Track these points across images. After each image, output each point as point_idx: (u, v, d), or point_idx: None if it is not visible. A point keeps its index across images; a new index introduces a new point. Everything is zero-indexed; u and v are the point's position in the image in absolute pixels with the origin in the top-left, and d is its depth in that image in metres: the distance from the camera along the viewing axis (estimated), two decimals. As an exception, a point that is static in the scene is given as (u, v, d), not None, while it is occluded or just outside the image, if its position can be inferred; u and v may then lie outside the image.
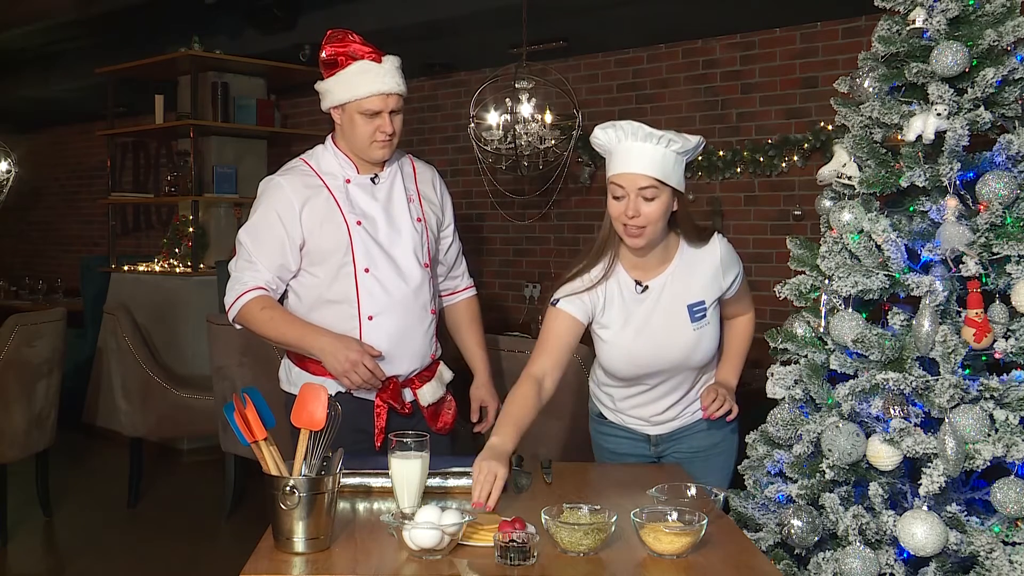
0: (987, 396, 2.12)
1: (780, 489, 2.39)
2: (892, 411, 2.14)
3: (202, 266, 6.32)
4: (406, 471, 1.99)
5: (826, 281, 2.34)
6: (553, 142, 5.06)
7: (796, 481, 2.34)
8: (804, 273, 2.44)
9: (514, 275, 6.65)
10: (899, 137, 2.28)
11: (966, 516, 2.12)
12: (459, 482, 2.16)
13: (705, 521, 1.81)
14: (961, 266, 2.14)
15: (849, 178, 2.35)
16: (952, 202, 2.17)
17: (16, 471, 4.48)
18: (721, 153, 5.53)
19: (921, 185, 2.23)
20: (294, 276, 2.60)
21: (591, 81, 6.20)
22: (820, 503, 2.25)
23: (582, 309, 2.39)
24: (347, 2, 5.79)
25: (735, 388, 2.60)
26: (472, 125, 5.07)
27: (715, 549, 1.84)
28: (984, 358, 2.19)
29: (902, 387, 2.13)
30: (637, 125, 2.24)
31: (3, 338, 4.25)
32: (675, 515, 1.86)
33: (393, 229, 2.60)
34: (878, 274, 2.22)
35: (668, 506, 1.91)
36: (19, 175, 7.82)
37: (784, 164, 5.32)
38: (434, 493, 2.12)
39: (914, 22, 2.24)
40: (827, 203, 2.44)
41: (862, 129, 2.32)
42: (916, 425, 2.14)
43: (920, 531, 2.05)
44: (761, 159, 5.38)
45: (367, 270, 2.54)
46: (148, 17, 6.37)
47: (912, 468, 2.19)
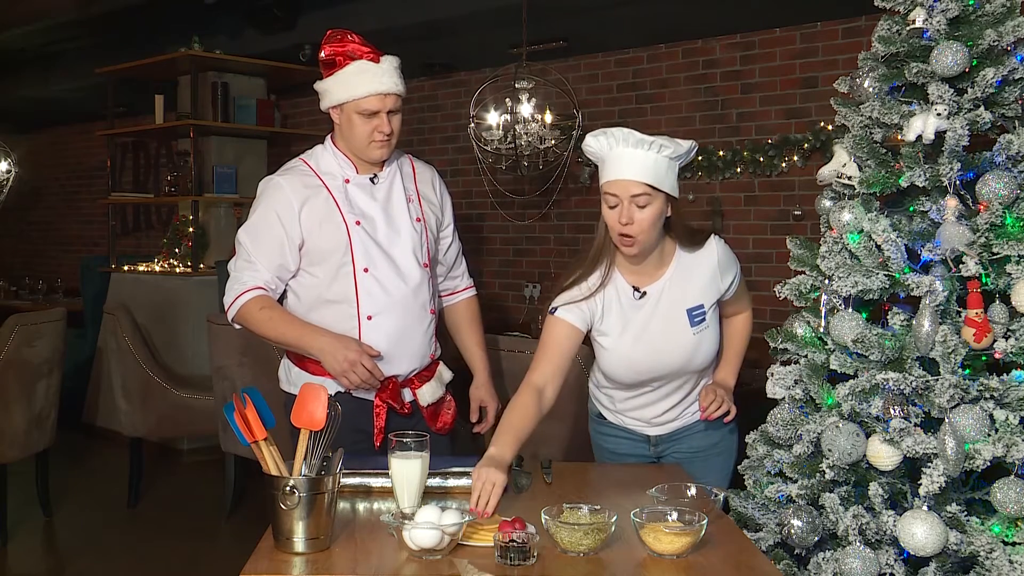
0: (987, 396, 2.11)
1: (780, 489, 2.39)
2: (892, 411, 2.14)
3: (202, 266, 6.32)
4: (406, 471, 1.99)
5: (826, 281, 2.34)
6: (553, 142, 5.06)
7: (796, 481, 2.34)
8: (804, 273, 2.44)
9: (514, 275, 6.65)
10: (899, 137, 2.27)
11: (966, 516, 2.12)
12: (459, 482, 2.16)
13: (705, 521, 1.81)
14: (961, 266, 2.14)
15: (849, 178, 2.34)
16: (952, 202, 2.17)
17: (16, 471, 4.48)
18: (721, 153, 5.53)
19: (921, 185, 2.23)
20: (293, 276, 2.60)
21: (591, 81, 6.19)
22: (820, 503, 2.25)
23: (580, 317, 2.38)
24: (347, 2, 5.79)
25: (733, 388, 2.60)
26: (472, 125, 5.07)
27: (715, 549, 1.84)
28: (984, 358, 2.18)
29: (902, 387, 2.13)
30: (628, 131, 2.23)
31: (3, 338, 4.25)
32: (675, 515, 1.86)
33: (392, 229, 2.60)
34: (878, 274, 2.22)
35: (668, 506, 1.92)
36: (19, 175, 7.82)
37: (784, 164, 5.32)
38: (434, 493, 2.12)
39: (914, 22, 2.24)
40: (827, 203, 2.44)
41: (862, 129, 2.32)
42: (916, 425, 2.14)
43: (920, 531, 2.05)
44: (761, 159, 5.38)
45: (366, 270, 2.54)
46: (148, 17, 6.37)
47: (912, 468, 2.19)
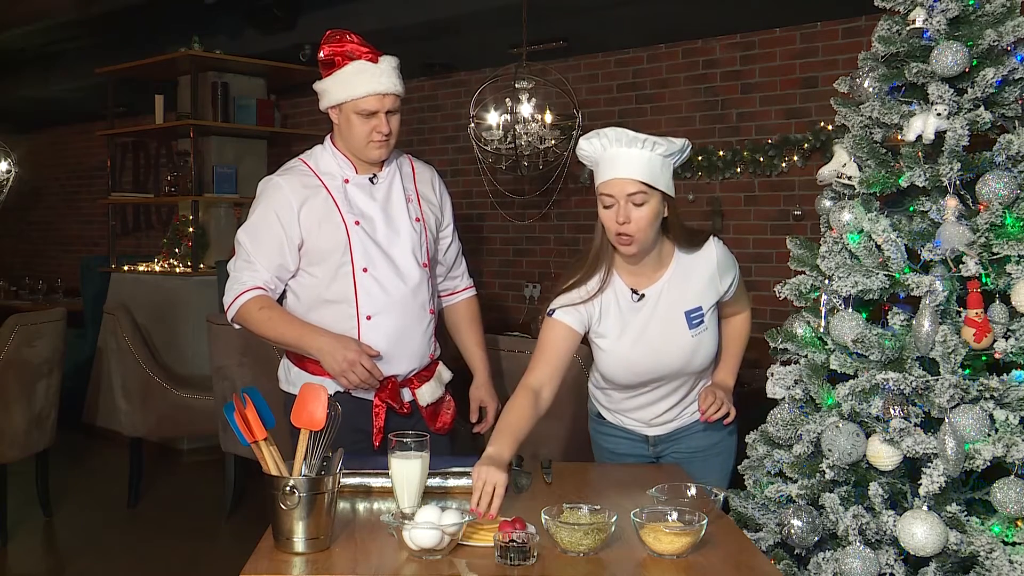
0: (987, 396, 2.11)
1: (780, 489, 2.39)
2: (892, 411, 2.14)
3: (202, 266, 6.32)
4: (406, 471, 1.99)
5: (826, 281, 2.34)
6: (553, 142, 5.06)
7: (796, 481, 2.34)
8: (804, 273, 2.44)
9: (514, 275, 6.65)
10: (899, 137, 2.27)
11: (966, 516, 2.12)
12: (459, 482, 2.16)
13: (705, 521, 1.81)
14: (961, 266, 2.13)
15: (849, 178, 2.34)
16: (952, 202, 2.17)
17: (16, 471, 4.48)
18: (721, 153, 5.53)
19: (921, 185, 2.23)
20: (293, 276, 2.60)
21: (591, 81, 6.19)
22: (820, 503, 2.25)
23: (578, 319, 2.38)
24: (347, 2, 5.79)
25: (732, 389, 2.60)
26: (472, 125, 5.07)
27: (715, 549, 1.84)
28: (984, 358, 2.18)
29: (902, 387, 2.13)
30: (621, 131, 2.23)
31: (3, 338, 4.25)
32: (675, 515, 1.86)
33: (391, 229, 2.60)
34: (878, 274, 2.22)
35: (668, 506, 1.92)
36: (19, 175, 7.82)
37: (784, 164, 5.32)
38: (434, 493, 2.12)
39: (914, 22, 2.24)
40: (827, 203, 2.44)
41: (862, 129, 2.32)
42: (916, 425, 2.14)
43: (920, 531, 2.05)
44: (761, 159, 5.38)
45: (365, 270, 2.54)
46: (148, 17, 6.37)
47: (912, 468, 2.19)
